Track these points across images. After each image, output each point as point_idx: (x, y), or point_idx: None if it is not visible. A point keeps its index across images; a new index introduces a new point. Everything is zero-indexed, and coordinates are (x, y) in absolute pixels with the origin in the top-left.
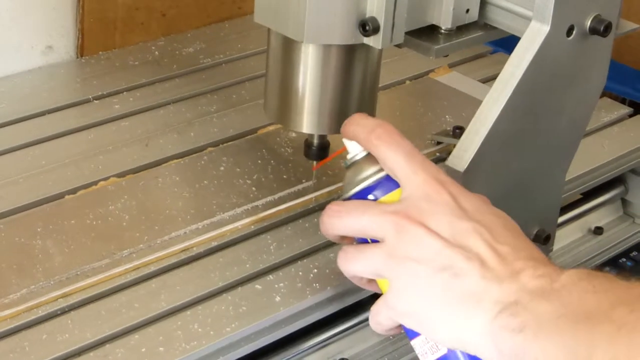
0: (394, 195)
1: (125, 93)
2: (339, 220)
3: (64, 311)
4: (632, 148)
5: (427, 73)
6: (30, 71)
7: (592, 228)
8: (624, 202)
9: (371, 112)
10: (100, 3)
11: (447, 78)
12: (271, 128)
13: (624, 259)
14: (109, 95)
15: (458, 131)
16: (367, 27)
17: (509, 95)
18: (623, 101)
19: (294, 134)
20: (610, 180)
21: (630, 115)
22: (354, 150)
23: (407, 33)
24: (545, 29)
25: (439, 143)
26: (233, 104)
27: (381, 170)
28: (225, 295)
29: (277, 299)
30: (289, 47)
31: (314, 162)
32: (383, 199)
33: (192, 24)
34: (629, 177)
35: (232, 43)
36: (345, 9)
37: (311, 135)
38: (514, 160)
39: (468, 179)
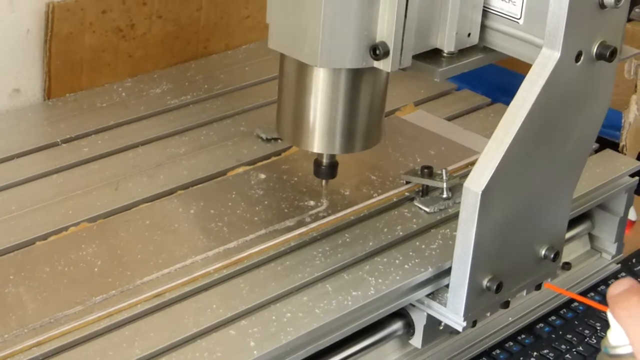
0: None
1: (93, 135)
2: None
3: None
4: (599, 184)
5: (393, 112)
6: None
7: (561, 263)
8: (591, 237)
9: (378, 133)
10: (66, 45)
11: (414, 116)
12: (240, 170)
13: (592, 294)
14: (77, 138)
15: (426, 171)
16: (378, 51)
17: (522, 118)
18: None
19: (263, 176)
20: (578, 215)
21: (596, 151)
22: (621, 340)
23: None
24: (556, 55)
25: (407, 182)
26: (201, 145)
27: None
28: (200, 341)
29: (252, 343)
30: (302, 71)
31: (323, 182)
32: None
33: (158, 65)
34: (596, 213)
35: (198, 84)
36: (357, 35)
37: (320, 155)
38: (527, 180)
39: (485, 200)
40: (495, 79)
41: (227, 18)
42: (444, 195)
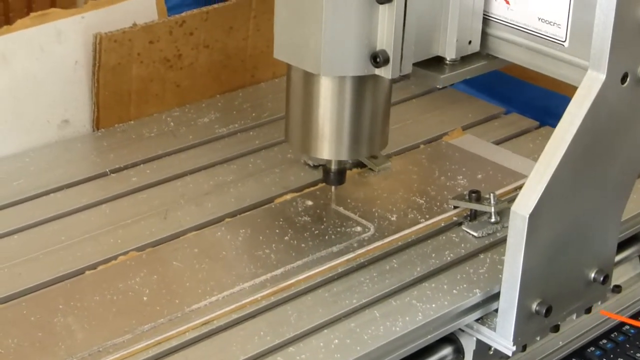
0: None
1: (142, 165)
2: None
3: None
4: None
5: (440, 136)
6: (47, 145)
7: (611, 286)
8: None
9: (384, 139)
10: (114, 76)
11: (461, 141)
12: (288, 197)
13: None
14: (126, 167)
15: (474, 195)
16: (378, 59)
17: (569, 141)
18: None
19: (310, 202)
20: (627, 238)
21: None
22: None
23: (414, 64)
24: (602, 77)
25: (455, 207)
26: (249, 173)
27: None
28: None
29: None
30: (307, 80)
31: (332, 188)
32: None
33: (205, 94)
34: None
35: (246, 112)
36: (358, 43)
37: (329, 162)
38: (575, 203)
39: (533, 223)
40: (543, 102)
41: (273, 46)
42: (492, 220)
